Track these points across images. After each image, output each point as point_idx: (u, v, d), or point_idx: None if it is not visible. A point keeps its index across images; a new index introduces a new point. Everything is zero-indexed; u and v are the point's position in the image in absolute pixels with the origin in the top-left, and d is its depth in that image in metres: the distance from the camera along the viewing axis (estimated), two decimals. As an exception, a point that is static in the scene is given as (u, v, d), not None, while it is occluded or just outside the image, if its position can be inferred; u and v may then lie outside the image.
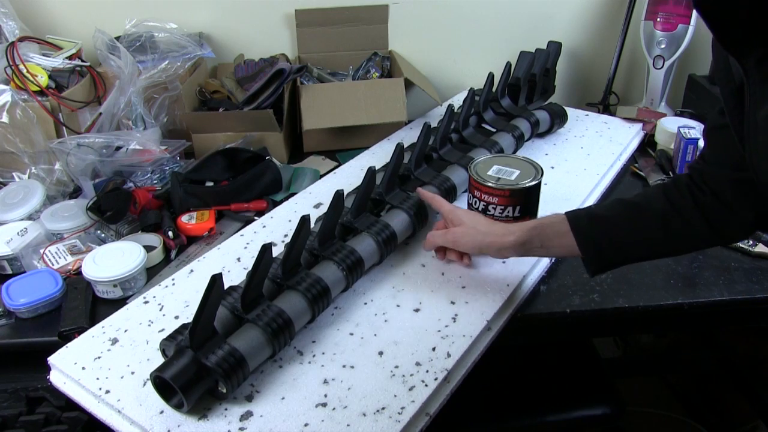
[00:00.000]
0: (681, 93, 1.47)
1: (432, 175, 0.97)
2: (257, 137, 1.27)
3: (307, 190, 1.11)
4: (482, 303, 0.80)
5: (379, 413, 0.64)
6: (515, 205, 0.86)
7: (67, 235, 0.99)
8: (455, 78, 1.58)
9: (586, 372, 1.18)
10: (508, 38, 1.53)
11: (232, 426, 0.63)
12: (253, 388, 0.68)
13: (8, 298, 0.86)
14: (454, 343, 0.73)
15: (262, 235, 0.98)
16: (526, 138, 1.20)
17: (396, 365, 0.70)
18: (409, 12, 1.48)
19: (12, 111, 1.10)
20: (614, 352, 1.83)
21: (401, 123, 1.35)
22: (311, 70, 1.42)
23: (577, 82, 1.62)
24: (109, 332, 0.77)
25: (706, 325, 1.37)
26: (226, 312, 0.70)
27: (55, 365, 0.73)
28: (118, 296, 0.89)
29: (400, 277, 0.86)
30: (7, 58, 1.14)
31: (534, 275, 0.88)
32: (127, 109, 1.23)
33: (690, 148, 1.14)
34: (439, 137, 1.05)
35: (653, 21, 1.39)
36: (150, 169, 1.17)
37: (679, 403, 1.68)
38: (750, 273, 0.92)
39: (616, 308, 0.86)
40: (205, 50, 1.38)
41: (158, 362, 0.65)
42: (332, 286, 0.76)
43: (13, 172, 1.15)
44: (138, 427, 0.64)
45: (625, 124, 1.34)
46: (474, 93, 1.15)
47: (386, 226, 0.85)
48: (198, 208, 1.06)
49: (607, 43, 1.54)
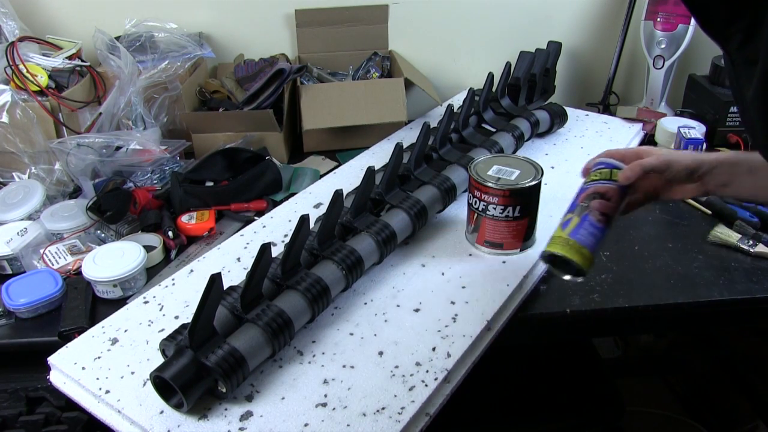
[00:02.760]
0: (681, 93, 1.47)
1: (432, 175, 0.97)
2: (257, 137, 1.27)
3: (307, 190, 1.11)
4: (482, 303, 0.80)
5: (379, 413, 0.64)
6: (515, 205, 0.86)
7: (67, 235, 0.99)
8: (455, 78, 1.58)
9: (586, 372, 1.18)
10: (508, 38, 1.53)
11: (232, 426, 0.63)
12: (253, 388, 0.68)
13: (8, 298, 0.86)
14: (454, 343, 0.73)
15: (262, 235, 0.98)
16: (526, 138, 1.20)
17: (396, 365, 0.70)
18: (409, 12, 1.48)
19: (12, 111, 1.10)
20: (614, 352, 1.83)
21: (401, 123, 1.35)
22: (311, 70, 1.42)
23: (577, 82, 1.62)
24: (109, 332, 0.77)
25: (706, 325, 1.37)
26: (226, 312, 0.70)
27: (55, 365, 0.73)
28: (118, 296, 0.89)
29: (400, 277, 0.86)
30: (7, 58, 1.14)
31: (534, 275, 0.88)
32: (127, 109, 1.23)
33: (690, 148, 1.14)
34: (439, 137, 1.05)
35: (653, 21, 1.39)
36: (150, 169, 1.17)
37: (679, 403, 1.68)
38: (750, 273, 0.92)
39: (616, 308, 0.86)
40: (205, 50, 1.38)
41: (158, 362, 0.65)
42: (332, 285, 0.76)
43: (13, 172, 1.15)
44: (138, 427, 0.64)
45: (625, 124, 1.34)
46: (474, 93, 1.15)
47: (386, 226, 0.85)
48: (198, 208, 1.06)
49: (607, 43, 1.54)
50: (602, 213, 0.72)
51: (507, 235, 0.88)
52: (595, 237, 0.71)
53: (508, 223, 0.87)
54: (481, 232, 0.89)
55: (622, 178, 0.73)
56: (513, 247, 0.89)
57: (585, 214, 0.72)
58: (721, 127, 1.30)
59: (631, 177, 0.73)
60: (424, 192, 0.93)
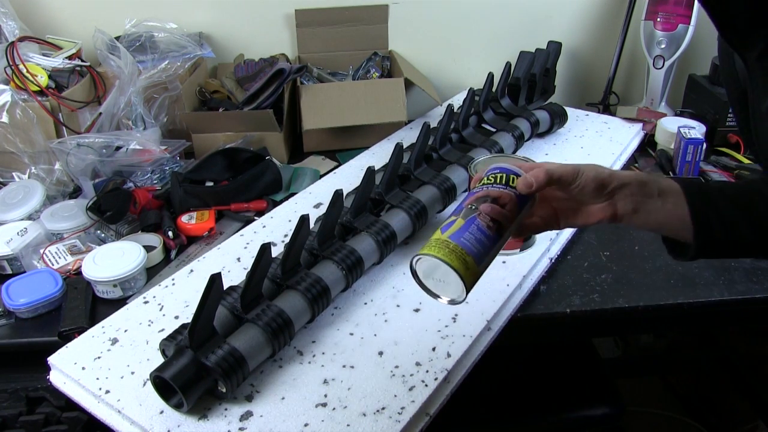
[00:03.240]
0: (681, 93, 1.47)
1: (432, 175, 0.97)
2: (257, 137, 1.27)
3: (307, 190, 1.11)
4: (482, 303, 0.80)
5: (379, 413, 0.64)
6: (515, 205, 0.85)
7: (67, 235, 0.99)
8: (455, 78, 1.58)
9: (586, 372, 1.18)
10: (508, 38, 1.53)
11: (232, 426, 0.63)
12: (253, 388, 0.68)
13: (8, 298, 0.86)
14: (454, 343, 0.73)
15: (262, 235, 0.98)
16: (526, 138, 1.20)
17: (396, 365, 0.70)
18: (409, 12, 1.48)
19: (12, 111, 1.10)
20: (614, 352, 1.83)
21: (401, 123, 1.35)
22: (311, 70, 1.42)
23: (577, 82, 1.62)
24: (109, 332, 0.77)
25: (706, 325, 1.37)
26: (226, 312, 0.70)
27: (55, 365, 0.73)
28: (118, 296, 0.89)
29: (400, 277, 0.86)
30: (7, 58, 1.14)
31: (534, 275, 0.88)
32: (127, 109, 1.23)
33: (690, 148, 1.14)
34: (439, 137, 1.05)
35: (653, 21, 1.39)
36: (150, 169, 1.17)
37: (679, 403, 1.68)
38: (750, 273, 0.92)
39: (616, 308, 0.86)
40: (205, 50, 1.38)
41: (158, 362, 0.65)
42: (332, 285, 0.76)
43: (13, 172, 1.15)
44: (138, 427, 0.64)
45: (625, 124, 1.34)
46: (474, 93, 1.15)
47: (386, 226, 0.85)
48: (198, 208, 1.06)
49: (607, 43, 1.54)
50: (493, 219, 0.58)
51: (507, 235, 0.88)
52: (483, 245, 0.57)
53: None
54: (481, 232, 0.89)
55: (521, 186, 0.61)
56: (513, 247, 0.89)
57: (472, 216, 0.58)
58: (721, 127, 1.30)
59: (533, 185, 0.61)
60: (424, 192, 0.93)
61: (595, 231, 1.02)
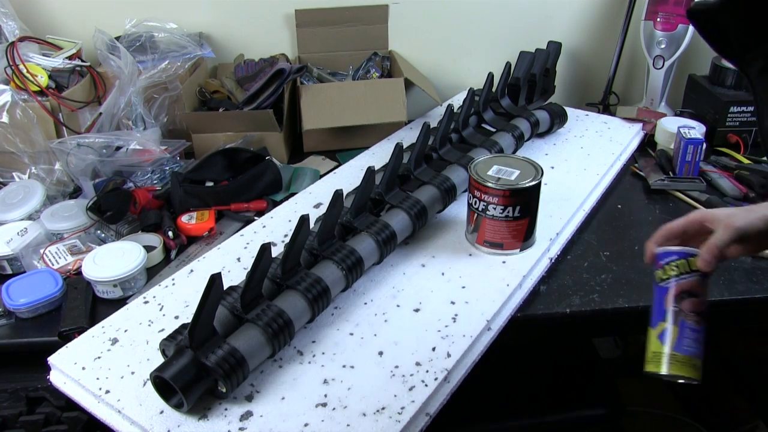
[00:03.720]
0: (681, 93, 1.47)
1: (432, 175, 0.97)
2: (257, 137, 1.27)
3: (307, 190, 1.11)
4: (482, 303, 0.80)
5: (379, 413, 0.64)
6: (515, 205, 0.86)
7: (67, 235, 0.99)
8: (455, 78, 1.58)
9: (586, 372, 1.18)
10: (508, 38, 1.53)
11: (232, 426, 0.63)
12: (253, 388, 0.68)
13: (8, 298, 0.86)
14: (454, 343, 0.73)
15: (262, 235, 0.98)
16: (526, 138, 1.20)
17: (396, 365, 0.70)
18: (409, 12, 1.48)
19: (12, 111, 1.10)
20: (614, 352, 1.83)
21: (401, 123, 1.35)
22: (311, 70, 1.42)
23: (577, 82, 1.62)
24: (109, 332, 0.77)
25: (706, 325, 1.37)
26: (226, 312, 0.70)
27: (55, 365, 0.73)
28: (118, 296, 0.89)
29: (400, 277, 0.86)
30: (7, 58, 1.14)
31: (534, 275, 0.88)
32: (127, 109, 1.23)
33: (690, 148, 1.14)
34: (439, 137, 1.05)
35: (653, 21, 1.39)
36: (150, 169, 1.17)
37: (679, 403, 1.68)
38: (750, 273, 0.92)
39: (616, 308, 0.86)
40: (205, 50, 1.38)
41: (158, 362, 0.65)
42: (332, 285, 0.76)
43: (13, 172, 1.15)
44: (138, 427, 0.65)
45: (625, 124, 1.34)
46: (474, 93, 1.15)
47: (386, 226, 0.85)
48: (198, 208, 1.06)
49: (607, 43, 1.54)
50: (698, 313, 0.68)
51: (507, 235, 0.88)
52: (699, 342, 0.67)
53: (508, 223, 0.87)
54: (481, 232, 0.89)
55: (703, 266, 0.68)
56: (513, 247, 0.89)
57: (681, 320, 0.68)
58: (721, 127, 1.30)
59: (713, 263, 0.67)
60: (424, 192, 0.93)
61: (595, 231, 1.02)
